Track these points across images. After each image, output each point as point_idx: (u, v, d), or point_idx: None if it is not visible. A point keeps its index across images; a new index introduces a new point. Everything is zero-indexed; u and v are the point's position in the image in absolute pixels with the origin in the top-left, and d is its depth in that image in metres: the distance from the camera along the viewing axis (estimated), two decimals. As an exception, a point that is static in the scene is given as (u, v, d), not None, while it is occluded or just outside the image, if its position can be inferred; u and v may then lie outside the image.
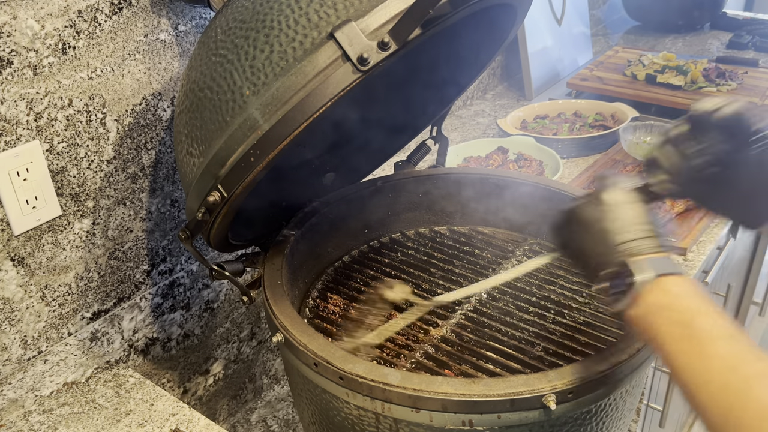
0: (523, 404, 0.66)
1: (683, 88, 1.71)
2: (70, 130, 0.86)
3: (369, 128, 1.03)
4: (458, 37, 0.94)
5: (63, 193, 0.88)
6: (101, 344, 0.98)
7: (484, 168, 1.38)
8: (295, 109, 0.66)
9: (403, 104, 1.04)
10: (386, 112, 1.04)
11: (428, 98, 1.04)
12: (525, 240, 1.05)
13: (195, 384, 1.15)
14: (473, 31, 0.94)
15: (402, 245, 1.07)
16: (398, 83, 0.99)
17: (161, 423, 0.86)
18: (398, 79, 0.98)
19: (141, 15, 0.90)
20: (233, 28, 0.70)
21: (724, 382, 0.54)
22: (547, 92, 1.89)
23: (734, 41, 2.18)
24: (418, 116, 1.08)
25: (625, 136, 1.47)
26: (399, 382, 0.67)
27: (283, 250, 0.89)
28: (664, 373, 1.35)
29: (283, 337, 0.76)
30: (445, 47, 0.96)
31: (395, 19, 0.65)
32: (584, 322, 0.87)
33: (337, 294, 0.97)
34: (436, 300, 0.87)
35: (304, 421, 0.86)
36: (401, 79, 0.98)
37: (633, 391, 0.78)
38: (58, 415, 0.89)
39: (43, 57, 0.81)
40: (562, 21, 2.00)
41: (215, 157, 0.70)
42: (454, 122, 1.78)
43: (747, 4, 3.63)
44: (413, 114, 1.07)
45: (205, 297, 1.12)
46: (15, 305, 0.86)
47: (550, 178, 1.25)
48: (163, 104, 0.96)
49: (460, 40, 0.95)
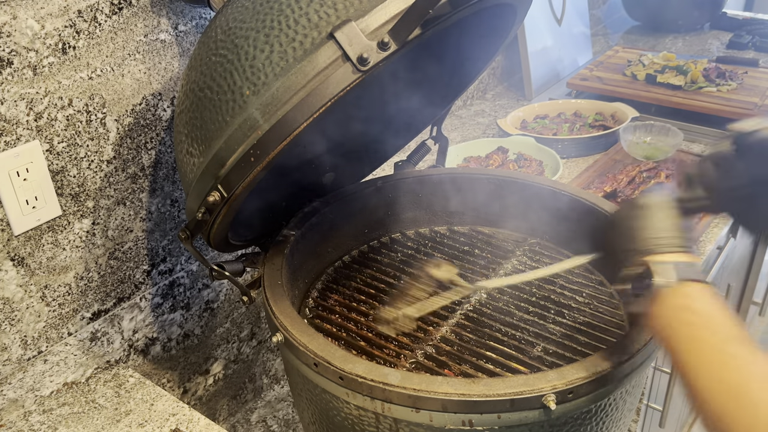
0: (523, 404, 0.66)
1: (683, 88, 1.71)
2: (70, 130, 0.86)
3: (369, 128, 1.03)
4: (458, 36, 0.94)
5: (63, 193, 0.88)
6: (101, 344, 0.98)
7: (484, 168, 1.38)
8: (295, 109, 0.66)
9: (403, 104, 1.04)
10: (386, 111, 1.04)
11: (428, 98, 1.04)
12: (525, 240, 1.05)
13: (195, 384, 1.15)
14: (473, 31, 0.94)
15: (402, 245, 1.07)
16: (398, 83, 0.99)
17: (161, 423, 0.86)
18: (398, 79, 0.98)
19: (141, 15, 0.90)
20: (233, 28, 0.70)
21: (726, 381, 0.55)
22: (547, 92, 1.88)
23: (734, 41, 2.18)
24: (418, 116, 1.08)
25: (625, 136, 1.47)
26: (399, 382, 0.67)
27: (283, 250, 0.89)
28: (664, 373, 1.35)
29: (283, 337, 0.76)
30: (445, 47, 0.96)
31: (395, 19, 0.65)
32: (584, 322, 0.87)
33: (337, 294, 0.97)
34: (478, 285, 0.88)
35: (304, 421, 0.86)
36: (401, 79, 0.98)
37: (633, 391, 0.78)
38: (58, 415, 0.89)
39: (43, 57, 0.81)
40: (562, 21, 2.00)
41: (215, 157, 0.70)
42: (454, 122, 1.78)
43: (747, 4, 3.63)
44: (413, 114, 1.07)
45: (205, 297, 1.12)
46: (15, 305, 0.86)
47: (550, 178, 1.25)
48: (163, 104, 0.96)
49: (460, 39, 0.95)
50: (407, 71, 0.98)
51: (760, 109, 1.57)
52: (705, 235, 1.24)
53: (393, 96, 1.03)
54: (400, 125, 1.08)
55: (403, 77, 0.98)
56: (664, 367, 1.34)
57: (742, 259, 1.83)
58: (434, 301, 0.87)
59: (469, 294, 0.90)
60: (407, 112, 1.06)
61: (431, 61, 0.99)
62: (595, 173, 1.40)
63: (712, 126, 1.59)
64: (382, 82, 0.97)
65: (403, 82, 0.99)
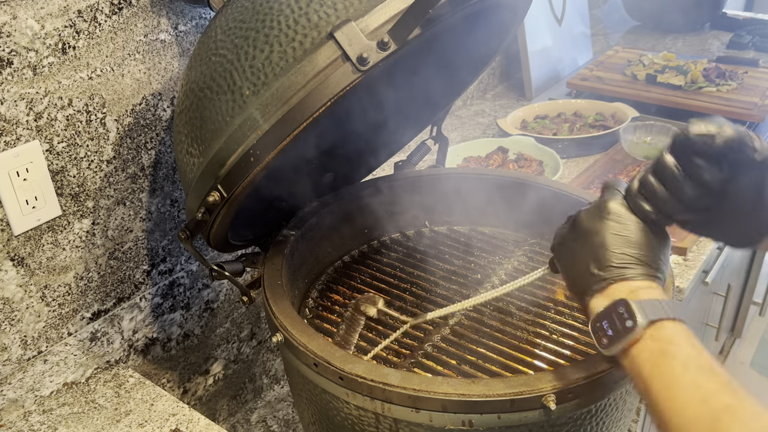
0: (523, 404, 0.66)
1: (683, 88, 1.71)
2: (70, 130, 0.86)
3: (369, 128, 1.03)
4: (458, 36, 0.94)
5: (63, 193, 0.88)
6: (101, 344, 0.98)
7: (484, 168, 1.38)
8: (295, 109, 0.66)
9: (402, 104, 1.04)
10: (386, 111, 1.04)
11: (428, 98, 1.04)
12: (525, 240, 1.05)
13: (195, 384, 1.15)
14: (473, 31, 0.94)
15: (402, 245, 1.07)
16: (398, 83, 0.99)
17: (161, 423, 0.86)
18: (398, 79, 0.98)
19: (141, 15, 0.90)
20: (233, 28, 0.70)
21: (695, 413, 0.52)
22: (547, 92, 1.88)
23: (734, 41, 2.18)
24: (417, 116, 1.08)
25: (625, 136, 1.47)
26: (399, 382, 0.67)
27: (283, 250, 0.89)
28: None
29: (283, 337, 0.76)
30: (445, 47, 0.96)
31: (395, 19, 0.65)
32: (584, 322, 0.87)
33: (337, 294, 0.97)
34: (414, 321, 0.86)
35: (304, 421, 0.86)
36: (401, 79, 0.98)
37: (633, 391, 0.78)
38: (58, 415, 0.89)
39: (43, 57, 0.81)
40: (562, 21, 2.00)
41: (215, 157, 0.70)
42: (454, 122, 1.78)
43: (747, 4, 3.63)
44: (413, 114, 1.07)
45: (205, 297, 1.12)
46: (15, 305, 0.86)
47: (550, 178, 1.25)
48: (163, 104, 0.96)
49: (460, 39, 0.95)
50: (407, 71, 0.98)
51: (760, 109, 1.57)
52: (705, 235, 1.24)
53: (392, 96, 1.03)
54: (400, 125, 1.08)
55: (402, 77, 0.98)
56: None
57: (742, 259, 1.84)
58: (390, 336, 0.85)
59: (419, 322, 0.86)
60: (407, 111, 1.06)
61: (431, 61, 0.99)
62: (595, 173, 1.41)
63: (712, 126, 1.58)
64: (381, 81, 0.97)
65: (403, 82, 0.99)
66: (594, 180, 1.37)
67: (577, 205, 0.97)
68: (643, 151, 1.45)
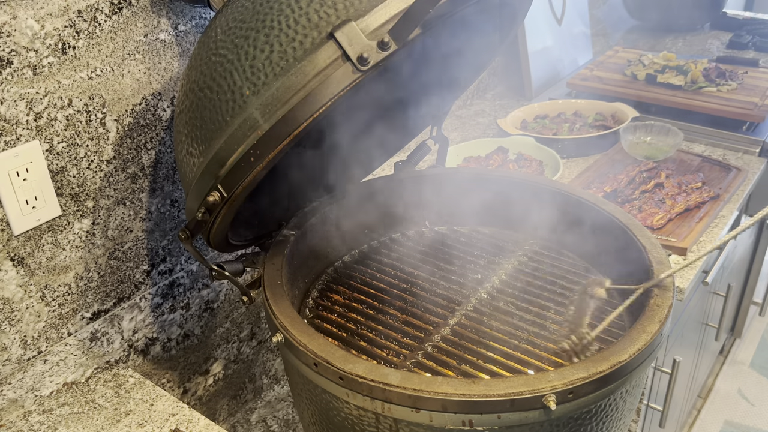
0: (523, 404, 0.66)
1: (683, 88, 1.71)
2: (70, 130, 0.86)
3: (369, 128, 1.03)
4: (458, 36, 0.94)
5: (63, 193, 0.88)
6: (101, 344, 0.98)
7: (483, 168, 1.38)
8: (295, 109, 0.66)
9: (403, 104, 1.04)
10: (386, 112, 1.04)
11: (428, 98, 1.04)
12: (525, 240, 1.05)
13: (195, 384, 1.15)
14: (473, 31, 0.94)
15: (402, 245, 1.07)
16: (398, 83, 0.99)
17: (161, 423, 0.86)
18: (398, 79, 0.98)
19: (141, 15, 0.90)
20: (233, 28, 0.70)
21: None
22: (547, 92, 1.89)
23: (734, 41, 2.18)
24: (417, 116, 1.08)
25: (625, 136, 1.47)
26: (399, 382, 0.67)
27: (283, 250, 0.89)
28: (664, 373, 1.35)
29: (283, 337, 0.76)
30: (445, 47, 0.96)
31: (395, 19, 0.65)
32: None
33: (337, 294, 0.97)
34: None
35: (304, 421, 0.86)
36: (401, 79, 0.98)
37: (633, 391, 0.78)
38: (57, 415, 0.89)
39: (42, 57, 0.81)
40: (562, 21, 2.00)
41: (215, 157, 0.70)
42: (454, 122, 1.78)
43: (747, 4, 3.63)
44: (413, 114, 1.07)
45: (205, 297, 1.12)
46: (15, 305, 0.86)
47: (550, 178, 1.25)
48: (163, 104, 0.96)
49: (460, 39, 0.95)
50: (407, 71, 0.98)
51: (760, 109, 1.57)
52: (705, 235, 1.24)
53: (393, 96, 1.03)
54: (400, 125, 1.08)
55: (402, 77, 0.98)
56: (664, 367, 1.34)
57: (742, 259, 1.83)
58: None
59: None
60: (407, 112, 1.06)
61: (431, 61, 0.99)
62: (595, 173, 1.40)
63: (712, 126, 1.59)
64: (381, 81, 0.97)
65: (403, 82, 0.99)
66: (594, 180, 1.37)
67: (577, 205, 0.97)
68: (643, 151, 1.45)
